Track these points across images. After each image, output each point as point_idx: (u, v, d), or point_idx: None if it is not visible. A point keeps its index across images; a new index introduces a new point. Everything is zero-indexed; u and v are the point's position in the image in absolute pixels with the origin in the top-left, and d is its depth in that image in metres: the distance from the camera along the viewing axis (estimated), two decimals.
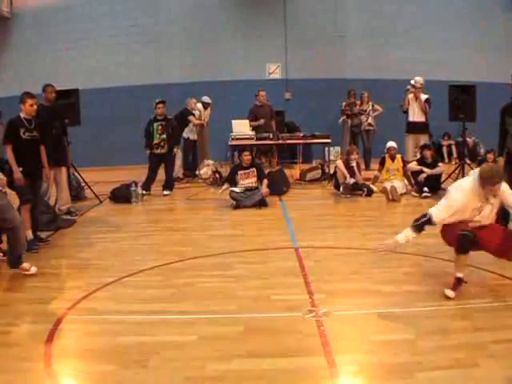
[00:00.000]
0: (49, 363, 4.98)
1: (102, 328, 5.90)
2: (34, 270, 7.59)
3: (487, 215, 6.50)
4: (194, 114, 16.44)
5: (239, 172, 12.38)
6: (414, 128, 14.77)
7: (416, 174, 13.00)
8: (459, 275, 6.40)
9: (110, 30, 19.20)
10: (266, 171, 13.71)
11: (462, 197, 6.37)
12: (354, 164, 13.30)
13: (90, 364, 5.02)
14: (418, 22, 19.17)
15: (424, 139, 14.69)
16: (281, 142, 15.18)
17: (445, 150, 19.16)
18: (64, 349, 5.35)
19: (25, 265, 7.60)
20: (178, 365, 4.96)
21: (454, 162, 18.02)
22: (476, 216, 6.46)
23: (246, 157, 12.47)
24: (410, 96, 14.80)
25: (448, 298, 6.28)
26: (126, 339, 5.50)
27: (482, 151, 17.70)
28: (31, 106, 8.78)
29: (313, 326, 5.71)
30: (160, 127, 13.72)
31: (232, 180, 12.36)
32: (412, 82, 14.79)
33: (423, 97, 14.58)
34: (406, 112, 14.97)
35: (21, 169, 8.58)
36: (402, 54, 18.81)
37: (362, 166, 14.84)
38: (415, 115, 14.72)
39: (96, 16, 19.24)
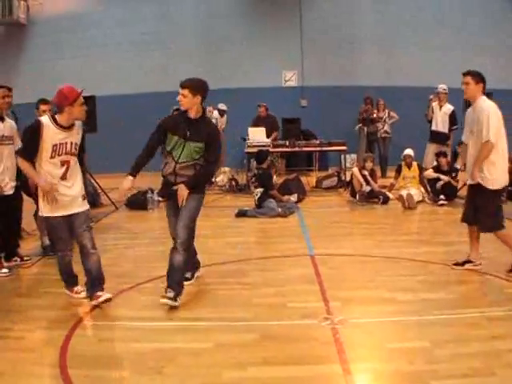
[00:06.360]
0: (64, 369, 4.99)
1: (117, 334, 5.92)
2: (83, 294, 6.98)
3: None
4: None
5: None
6: (436, 138, 14.51)
7: (432, 181, 12.95)
8: None
9: (124, 37, 19.34)
10: (283, 178, 13.84)
11: None
12: (366, 172, 13.25)
13: (105, 370, 5.03)
14: (435, 28, 19.10)
15: (445, 150, 14.39)
16: (297, 149, 15.19)
17: None
18: (79, 355, 5.35)
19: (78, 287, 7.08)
20: (193, 372, 4.96)
21: None
22: None
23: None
24: (434, 104, 14.63)
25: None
26: (142, 346, 5.51)
27: None
28: (44, 111, 8.82)
29: (328, 333, 5.69)
30: None
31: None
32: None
33: (449, 108, 14.29)
34: (430, 121, 14.77)
35: None
36: (418, 61, 18.76)
37: (378, 174, 14.79)
38: (438, 125, 14.46)
39: (110, 24, 19.38)
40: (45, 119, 6.50)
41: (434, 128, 14.62)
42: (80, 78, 17.89)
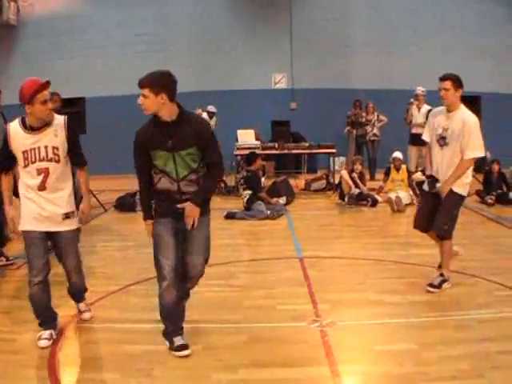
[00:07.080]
0: (53, 371, 4.98)
1: (106, 336, 5.90)
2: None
3: None
4: None
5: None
6: (417, 140, 14.56)
7: (421, 184, 12.96)
8: None
9: (117, 38, 19.19)
10: (272, 180, 13.85)
11: None
12: (354, 175, 13.26)
13: (94, 372, 5.03)
14: (426, 32, 19.07)
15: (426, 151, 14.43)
16: (286, 151, 15.22)
17: None
18: (68, 357, 5.35)
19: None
20: (182, 374, 4.96)
21: None
22: None
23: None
24: (413, 107, 14.74)
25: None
26: (131, 348, 5.50)
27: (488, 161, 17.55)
28: None
29: (317, 335, 5.71)
30: None
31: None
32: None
33: (426, 108, 14.35)
34: (410, 124, 14.89)
35: None
36: (408, 64, 18.69)
37: (367, 177, 14.81)
38: (417, 127, 14.54)
39: (104, 25, 19.22)
40: (13, 123, 5.67)
41: (413, 131, 14.68)
42: (75, 79, 17.94)
